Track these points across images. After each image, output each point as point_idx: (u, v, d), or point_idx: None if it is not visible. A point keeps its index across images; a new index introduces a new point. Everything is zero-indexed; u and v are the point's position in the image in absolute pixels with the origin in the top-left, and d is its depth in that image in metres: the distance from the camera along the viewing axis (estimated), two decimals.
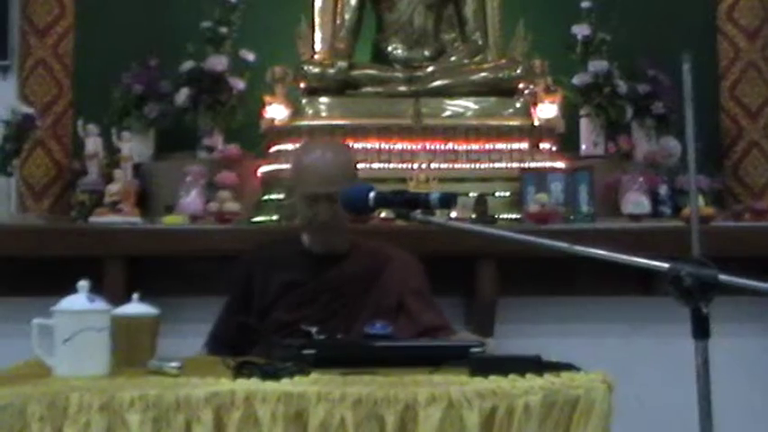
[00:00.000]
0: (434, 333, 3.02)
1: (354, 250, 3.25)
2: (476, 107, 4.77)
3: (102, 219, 4.32)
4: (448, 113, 4.76)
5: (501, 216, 4.40)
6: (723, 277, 1.87)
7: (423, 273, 3.30)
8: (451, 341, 2.61)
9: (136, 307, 2.32)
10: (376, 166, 4.57)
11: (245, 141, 4.76)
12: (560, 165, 4.65)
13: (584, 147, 4.94)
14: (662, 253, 2.04)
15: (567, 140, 4.88)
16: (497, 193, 4.54)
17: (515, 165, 4.62)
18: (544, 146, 4.73)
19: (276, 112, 4.78)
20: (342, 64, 4.82)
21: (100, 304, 2.16)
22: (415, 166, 4.53)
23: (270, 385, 1.89)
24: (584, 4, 4.99)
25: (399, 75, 4.89)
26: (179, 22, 5.00)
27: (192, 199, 4.40)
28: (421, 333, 2.99)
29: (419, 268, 3.31)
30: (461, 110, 4.77)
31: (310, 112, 4.73)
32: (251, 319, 3.06)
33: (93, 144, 4.62)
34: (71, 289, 2.16)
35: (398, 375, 1.99)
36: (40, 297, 2.55)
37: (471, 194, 4.38)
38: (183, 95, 4.74)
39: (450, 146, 4.65)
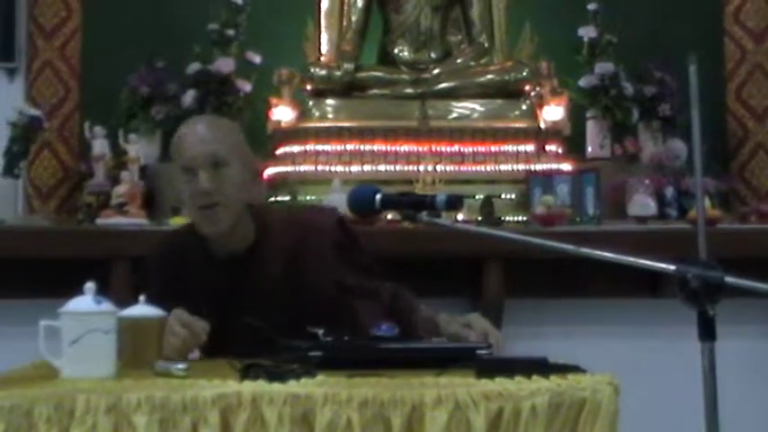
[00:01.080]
0: (398, 303, 2.72)
1: (265, 236, 2.74)
2: (482, 109, 4.78)
3: (108, 220, 4.33)
4: (454, 115, 4.76)
5: (507, 218, 4.40)
6: (729, 279, 1.87)
7: (355, 238, 2.86)
8: (457, 344, 2.59)
9: (143, 309, 2.32)
10: (382, 167, 4.58)
11: (251, 143, 4.71)
12: (567, 167, 4.65)
13: (590, 149, 4.94)
14: (668, 255, 2.03)
15: (573, 142, 4.88)
16: (504, 195, 4.54)
17: (522, 167, 4.62)
18: (550, 148, 4.74)
19: (283, 114, 4.79)
20: (348, 66, 4.82)
21: (107, 306, 2.16)
22: (422, 167, 4.54)
23: (276, 387, 1.89)
24: (591, 6, 5.00)
25: (406, 77, 4.90)
26: (186, 23, 5.01)
27: None
28: (387, 311, 2.69)
29: (351, 234, 2.85)
30: (468, 112, 4.78)
31: (317, 114, 4.73)
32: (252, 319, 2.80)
33: (99, 146, 4.63)
34: (78, 291, 2.16)
35: (405, 377, 1.99)
36: (46, 299, 2.55)
37: (478, 196, 4.39)
38: (189, 97, 4.75)
39: (456, 148, 4.65)
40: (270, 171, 4.62)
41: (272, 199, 4.47)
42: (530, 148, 4.68)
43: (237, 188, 2.66)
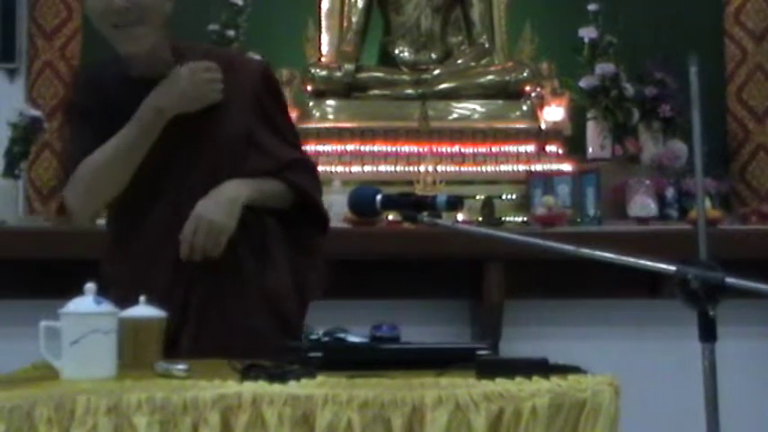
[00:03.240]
0: (291, 168, 2.62)
1: (184, 62, 2.60)
2: (483, 110, 4.78)
3: None
4: (455, 116, 4.77)
5: (508, 219, 4.40)
6: (730, 280, 1.87)
7: (275, 85, 2.72)
8: (458, 344, 2.58)
9: (143, 309, 2.32)
10: (383, 168, 4.58)
11: None
12: (567, 167, 4.65)
13: (590, 149, 4.94)
14: (669, 256, 2.03)
15: (573, 143, 4.89)
16: (504, 196, 4.55)
17: (522, 167, 4.63)
18: (551, 149, 4.74)
19: None
20: (349, 67, 4.83)
21: (107, 306, 2.16)
22: (422, 168, 4.53)
23: (277, 388, 1.89)
24: (591, 7, 5.00)
25: (406, 77, 4.91)
26: (186, 24, 4.97)
27: None
28: (279, 169, 2.59)
29: (270, 79, 2.70)
30: (468, 112, 4.78)
31: (317, 114, 4.73)
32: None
33: None
34: (78, 291, 2.16)
35: (405, 378, 1.99)
36: (47, 299, 2.55)
37: (478, 197, 4.39)
38: None
39: (456, 148, 4.66)
40: None
41: None
42: (530, 148, 4.69)
43: (156, 3, 2.50)
